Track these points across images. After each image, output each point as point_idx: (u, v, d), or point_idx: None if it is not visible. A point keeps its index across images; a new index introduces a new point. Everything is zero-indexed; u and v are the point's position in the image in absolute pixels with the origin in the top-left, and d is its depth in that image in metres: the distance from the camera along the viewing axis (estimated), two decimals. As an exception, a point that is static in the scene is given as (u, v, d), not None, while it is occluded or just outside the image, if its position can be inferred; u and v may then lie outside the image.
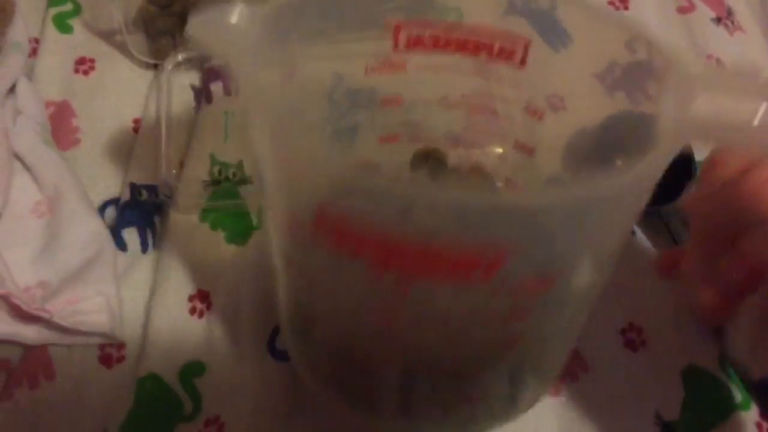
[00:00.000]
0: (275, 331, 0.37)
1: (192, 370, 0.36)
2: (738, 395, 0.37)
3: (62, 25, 0.49)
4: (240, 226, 0.41)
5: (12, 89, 0.42)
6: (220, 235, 0.40)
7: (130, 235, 0.40)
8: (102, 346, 0.37)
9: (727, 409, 0.36)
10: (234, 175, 0.42)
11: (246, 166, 0.42)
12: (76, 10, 0.50)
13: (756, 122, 0.20)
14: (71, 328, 0.35)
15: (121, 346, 0.37)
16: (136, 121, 0.45)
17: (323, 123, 0.32)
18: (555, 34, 0.28)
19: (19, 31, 0.45)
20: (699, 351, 0.38)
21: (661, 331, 0.38)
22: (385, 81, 0.32)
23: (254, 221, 0.41)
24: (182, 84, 0.46)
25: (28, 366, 0.35)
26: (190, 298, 0.38)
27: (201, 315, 0.38)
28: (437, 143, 0.36)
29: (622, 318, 0.39)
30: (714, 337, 0.38)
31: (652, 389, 0.37)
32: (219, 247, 0.40)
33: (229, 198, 0.41)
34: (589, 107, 0.29)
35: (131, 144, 0.44)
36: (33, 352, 0.36)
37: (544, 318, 0.26)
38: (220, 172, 0.42)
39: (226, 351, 0.37)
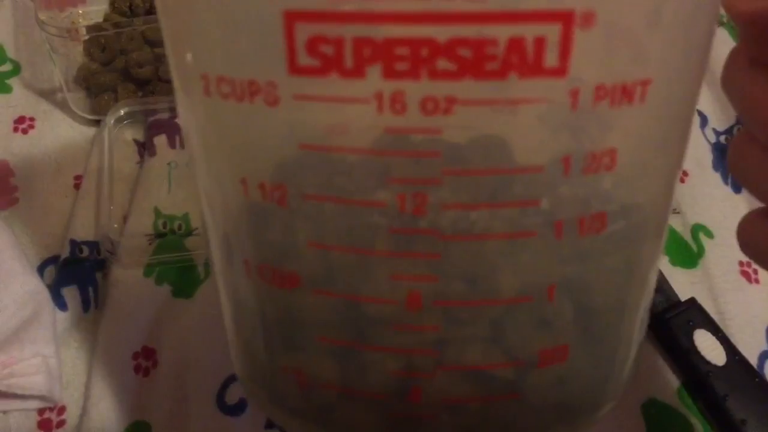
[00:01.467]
0: (225, 385, 0.36)
1: (137, 431, 0.35)
2: (699, 428, 0.36)
3: (1, 85, 0.48)
4: (186, 280, 0.39)
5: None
6: (166, 289, 0.39)
7: (71, 294, 0.38)
8: (41, 411, 0.35)
9: (689, 442, 0.36)
10: (179, 227, 0.41)
11: (192, 218, 0.41)
12: (15, 70, 0.50)
13: None
14: (6, 391, 0.33)
15: (61, 409, 0.35)
16: (78, 178, 0.44)
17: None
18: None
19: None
20: (658, 385, 0.37)
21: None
22: None
23: (201, 274, 0.40)
24: (125, 139, 0.45)
25: (-40, 436, 0.33)
26: (135, 356, 0.37)
27: (146, 373, 0.36)
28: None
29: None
30: (673, 369, 0.38)
31: (613, 426, 0.36)
32: (165, 301, 0.39)
33: (174, 251, 0.40)
34: None
35: (72, 201, 0.43)
36: (-35, 421, 0.34)
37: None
38: (164, 225, 0.41)
39: (172, 409, 0.35)
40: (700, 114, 0.49)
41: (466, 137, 0.18)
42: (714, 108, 0.50)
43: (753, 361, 0.38)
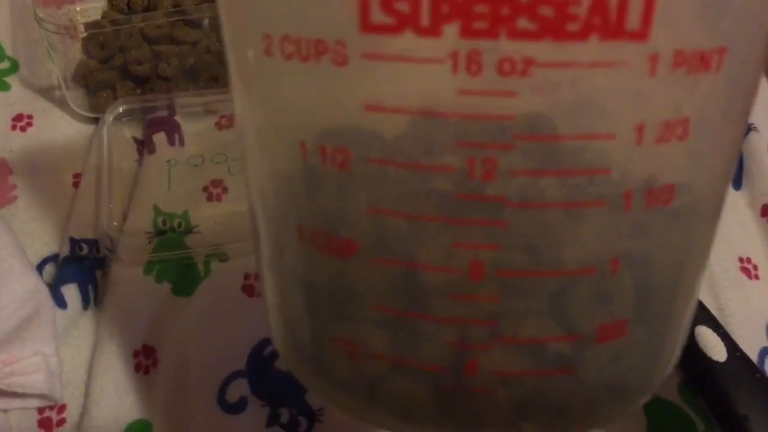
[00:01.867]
0: (225, 383, 0.35)
1: (138, 429, 0.35)
2: (700, 425, 0.36)
3: (-1, 82, 0.48)
4: (186, 278, 0.39)
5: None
6: (166, 287, 0.39)
7: (70, 292, 0.38)
8: (41, 410, 0.35)
9: (690, 438, 0.36)
10: (179, 225, 0.41)
11: (191, 215, 0.41)
12: (14, 68, 0.49)
13: None
14: (6, 390, 0.33)
15: (61, 408, 0.35)
16: (77, 176, 0.44)
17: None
18: None
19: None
20: (659, 381, 0.37)
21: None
22: None
23: (201, 272, 0.40)
24: (124, 136, 0.45)
25: (-40, 435, 0.33)
26: (135, 354, 0.37)
27: (147, 371, 0.36)
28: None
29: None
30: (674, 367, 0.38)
31: (614, 423, 0.36)
32: (165, 300, 0.39)
33: (174, 249, 0.40)
34: None
35: (71, 199, 0.43)
36: (-35, 420, 0.34)
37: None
38: (164, 223, 0.41)
39: (173, 408, 0.35)
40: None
41: (541, 102, 0.17)
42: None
43: (754, 357, 0.38)
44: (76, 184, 0.43)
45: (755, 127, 0.47)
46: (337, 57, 0.17)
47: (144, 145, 0.44)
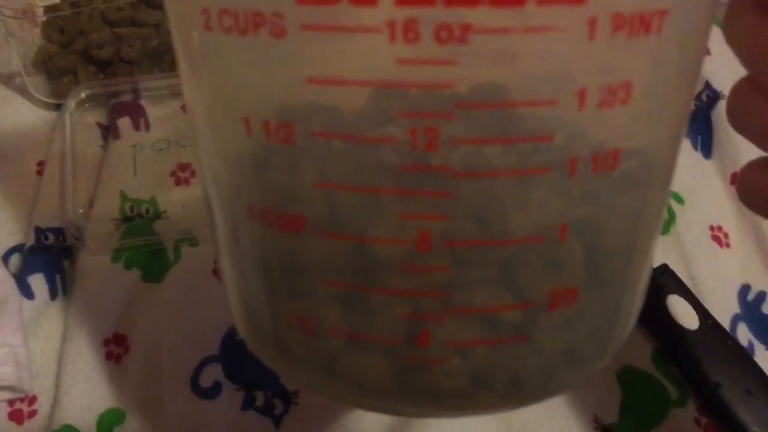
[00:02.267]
0: (199, 369, 0.35)
1: (111, 418, 0.34)
2: (674, 392, 0.36)
3: (-44, 71, 0.47)
4: (156, 264, 0.39)
5: None
6: (135, 274, 0.38)
7: (37, 282, 0.37)
8: (11, 402, 0.34)
9: (664, 406, 0.36)
10: (147, 210, 0.40)
11: (159, 201, 0.40)
12: (-29, 56, 0.48)
13: None
14: (-27, 383, 0.32)
15: (32, 399, 0.35)
16: (40, 164, 0.43)
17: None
18: None
19: None
20: (633, 351, 0.38)
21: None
22: None
23: (171, 257, 0.39)
24: (87, 122, 0.44)
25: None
26: (106, 343, 0.36)
27: (118, 359, 0.36)
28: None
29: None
30: (646, 336, 0.38)
31: (589, 393, 0.36)
32: (134, 286, 0.38)
33: (142, 235, 0.39)
34: None
35: (35, 187, 0.42)
36: (-67, 415, 0.33)
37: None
38: (131, 209, 0.40)
39: (146, 395, 0.35)
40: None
41: (480, 70, 0.17)
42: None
43: (725, 324, 0.38)
44: (39, 172, 0.43)
45: (724, 96, 0.47)
46: (275, 29, 0.17)
47: (108, 131, 0.43)
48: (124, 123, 0.43)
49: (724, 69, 0.48)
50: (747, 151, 0.45)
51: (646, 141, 0.20)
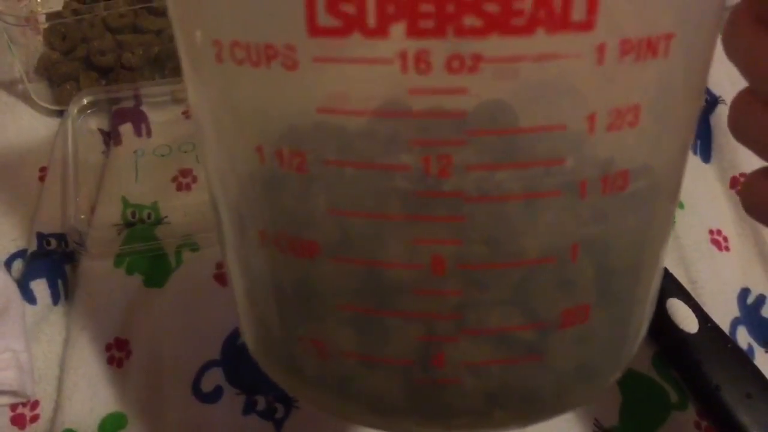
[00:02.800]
0: (200, 373, 0.35)
1: (113, 422, 0.34)
2: (674, 396, 0.37)
3: (-41, 78, 0.47)
4: (157, 269, 0.39)
5: None
6: (137, 279, 0.39)
7: (40, 287, 0.37)
8: (13, 407, 0.34)
9: (664, 409, 0.36)
10: (149, 216, 0.40)
11: (161, 206, 0.41)
12: (-26, 63, 0.49)
13: None
14: (-24, 388, 0.32)
15: (34, 404, 0.35)
16: (43, 170, 0.43)
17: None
18: None
19: None
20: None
21: (594, 338, 0.38)
22: None
23: (172, 262, 0.39)
24: (89, 128, 0.44)
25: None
26: (108, 348, 0.36)
27: (120, 364, 0.36)
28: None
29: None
30: (646, 339, 0.38)
31: (586, 404, 0.36)
32: (136, 291, 0.38)
33: (144, 240, 0.39)
34: None
35: (38, 193, 0.42)
36: (-64, 420, 0.33)
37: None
38: (133, 215, 0.40)
39: (148, 399, 0.35)
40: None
41: (491, 98, 0.18)
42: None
43: (725, 327, 0.38)
44: (42, 179, 0.43)
45: (723, 100, 0.47)
46: (287, 61, 0.17)
47: (110, 137, 0.44)
48: (126, 129, 0.44)
49: (722, 74, 0.48)
50: (746, 156, 0.45)
51: (655, 160, 0.21)
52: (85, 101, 0.44)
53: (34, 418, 0.34)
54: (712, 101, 0.47)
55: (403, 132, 0.18)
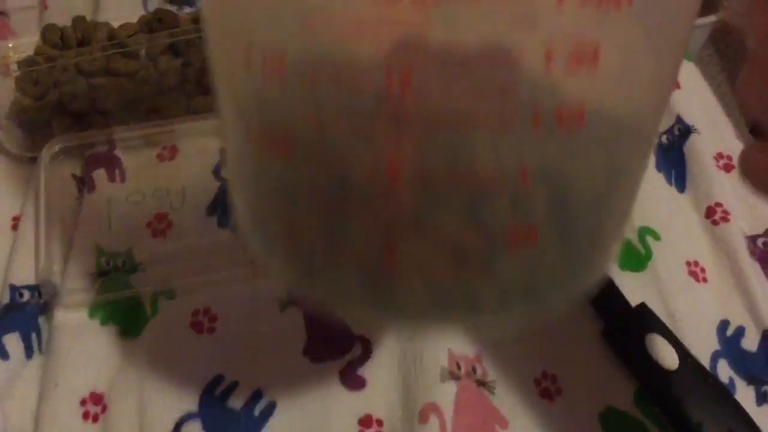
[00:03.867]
0: (178, 425, 0.35)
1: (89, 480, 0.34)
2: (657, 432, 0.36)
3: (-70, 125, 0.47)
4: (133, 318, 0.38)
5: None
6: (113, 329, 0.38)
7: (12, 342, 0.37)
8: (-14, 467, 0.34)
9: (647, 447, 0.36)
10: (123, 264, 0.40)
11: (135, 253, 0.40)
12: (-56, 110, 0.48)
13: None
14: (-54, 451, 0.32)
15: (8, 464, 0.34)
16: (15, 219, 0.43)
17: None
18: None
19: None
20: (615, 392, 0.38)
21: (576, 377, 0.38)
22: None
23: (148, 311, 0.39)
24: (63, 175, 0.44)
25: None
26: (82, 402, 0.36)
27: (95, 419, 0.35)
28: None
29: (536, 366, 0.38)
30: (627, 376, 0.38)
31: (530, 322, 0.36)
32: (111, 343, 0.38)
33: (119, 289, 0.39)
34: None
35: (10, 243, 0.41)
36: None
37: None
38: (107, 263, 0.40)
39: (125, 454, 0.34)
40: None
41: (452, 25, 0.19)
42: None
43: (705, 361, 0.38)
44: (15, 227, 0.42)
45: (696, 129, 0.47)
46: None
47: (84, 183, 0.43)
48: (99, 175, 0.43)
49: (694, 104, 0.49)
50: (720, 184, 0.45)
51: (616, 106, 0.22)
52: (57, 147, 0.44)
53: (8, 478, 0.34)
54: (685, 130, 0.48)
55: (372, 49, 0.19)
